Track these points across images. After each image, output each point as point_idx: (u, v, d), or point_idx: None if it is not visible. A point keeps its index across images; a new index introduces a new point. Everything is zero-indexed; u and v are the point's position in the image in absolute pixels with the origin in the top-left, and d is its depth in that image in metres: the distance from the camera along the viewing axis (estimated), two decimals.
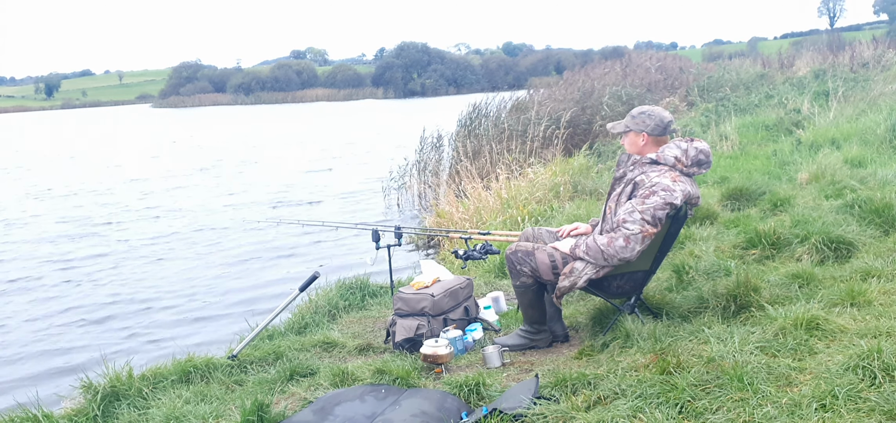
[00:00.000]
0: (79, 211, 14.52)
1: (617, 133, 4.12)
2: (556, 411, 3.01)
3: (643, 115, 3.99)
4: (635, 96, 16.00)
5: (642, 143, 3.96)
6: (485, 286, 5.71)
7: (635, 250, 3.78)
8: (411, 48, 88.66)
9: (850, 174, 6.96)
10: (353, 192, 15.37)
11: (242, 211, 13.43)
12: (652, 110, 4.00)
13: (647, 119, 3.96)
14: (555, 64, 76.23)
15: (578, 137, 13.98)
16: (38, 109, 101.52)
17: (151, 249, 10.85)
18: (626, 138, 4.04)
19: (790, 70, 22.52)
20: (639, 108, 4.08)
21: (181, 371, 4.18)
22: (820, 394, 2.73)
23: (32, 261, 10.44)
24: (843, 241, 4.81)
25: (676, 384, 2.95)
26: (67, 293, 8.74)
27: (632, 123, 4.00)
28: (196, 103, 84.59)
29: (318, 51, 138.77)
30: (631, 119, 4.02)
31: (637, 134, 3.98)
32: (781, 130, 11.56)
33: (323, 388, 3.84)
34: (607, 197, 4.07)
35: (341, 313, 5.48)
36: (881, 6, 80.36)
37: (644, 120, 3.96)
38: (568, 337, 4.29)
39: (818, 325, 3.41)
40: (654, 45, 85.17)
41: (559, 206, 8.40)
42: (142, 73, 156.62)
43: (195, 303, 8.10)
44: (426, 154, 13.99)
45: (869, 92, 14.20)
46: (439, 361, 3.94)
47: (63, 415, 3.85)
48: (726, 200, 6.81)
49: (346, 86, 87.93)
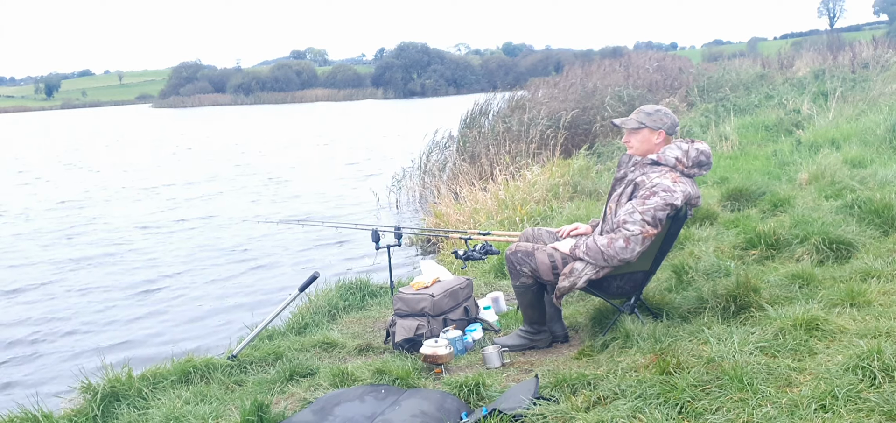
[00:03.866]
0: (77, 211, 14.52)
1: (629, 128, 4.00)
2: (555, 411, 3.01)
3: (660, 113, 3.97)
4: (637, 97, 16.00)
5: (657, 140, 3.93)
6: (484, 287, 5.71)
7: (635, 251, 3.78)
8: (411, 48, 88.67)
9: (850, 175, 6.95)
10: (352, 192, 15.36)
11: (242, 212, 13.43)
12: (665, 110, 4.01)
13: (665, 117, 3.95)
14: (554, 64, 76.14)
15: (578, 137, 13.98)
16: (38, 110, 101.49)
17: (151, 249, 10.84)
18: (638, 135, 3.96)
19: (790, 70, 22.50)
20: (650, 106, 4.04)
21: (181, 372, 4.18)
22: (820, 394, 2.72)
23: (33, 260, 10.44)
24: (842, 241, 4.81)
25: (676, 385, 2.95)
26: (67, 294, 8.73)
27: (648, 120, 3.94)
28: (196, 104, 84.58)
29: (318, 51, 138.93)
30: (646, 116, 3.95)
31: (653, 131, 3.93)
32: (781, 130, 11.55)
33: (323, 388, 3.84)
34: (607, 198, 4.06)
35: (341, 314, 5.48)
36: (881, 7, 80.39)
37: (661, 118, 3.94)
38: (568, 337, 4.29)
39: (818, 325, 3.41)
40: (653, 45, 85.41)
41: (559, 206, 8.39)
42: (142, 73, 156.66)
43: (194, 303, 8.10)
44: (426, 155, 14.01)
45: (868, 92, 14.20)
46: (439, 361, 3.94)
47: (63, 415, 3.85)
48: (726, 201, 6.81)
49: (346, 86, 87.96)
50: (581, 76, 19.39)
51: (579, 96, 15.81)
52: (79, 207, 15.00)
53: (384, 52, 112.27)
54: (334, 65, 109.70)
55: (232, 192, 16.28)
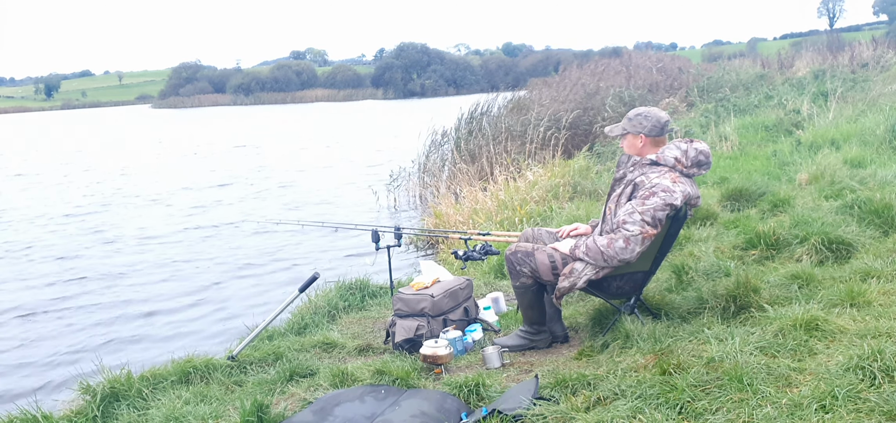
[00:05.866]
0: (78, 212, 14.52)
1: (615, 136, 4.13)
2: (555, 411, 3.01)
3: (640, 116, 3.99)
4: (637, 97, 16.00)
5: (641, 144, 3.97)
6: (484, 287, 5.70)
7: (635, 252, 3.78)
8: (411, 49, 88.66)
9: (850, 175, 6.95)
10: (352, 192, 15.36)
11: (242, 211, 13.42)
12: (648, 112, 4.01)
13: (644, 121, 3.96)
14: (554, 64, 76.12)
15: (579, 138, 13.98)
16: (38, 110, 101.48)
17: (151, 249, 10.84)
18: (625, 141, 4.05)
19: (790, 71, 22.51)
20: (635, 110, 4.08)
21: (181, 372, 4.18)
22: (820, 395, 2.72)
23: (33, 262, 10.44)
24: (842, 241, 4.80)
25: (676, 385, 2.95)
26: (66, 294, 8.73)
27: (629, 125, 4.00)
28: (196, 104, 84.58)
29: (318, 51, 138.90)
30: (628, 122, 4.02)
31: (635, 136, 3.98)
32: (781, 130, 11.55)
33: (322, 389, 3.84)
34: (607, 198, 4.07)
35: (341, 314, 5.48)
36: (881, 7, 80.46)
37: (641, 121, 3.97)
38: (567, 338, 4.29)
39: (818, 326, 3.41)
40: (653, 45, 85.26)
41: (558, 207, 8.39)
42: (141, 73, 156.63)
43: (195, 304, 8.09)
44: (426, 155, 14.00)
45: (868, 92, 14.21)
46: (439, 361, 3.93)
47: (62, 416, 3.84)
48: (726, 201, 6.81)
49: (346, 86, 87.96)
50: (580, 77, 19.38)
51: (580, 97, 15.81)
52: (78, 207, 15.00)
53: (384, 52, 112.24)
54: (334, 65, 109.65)
55: (232, 192, 16.27)
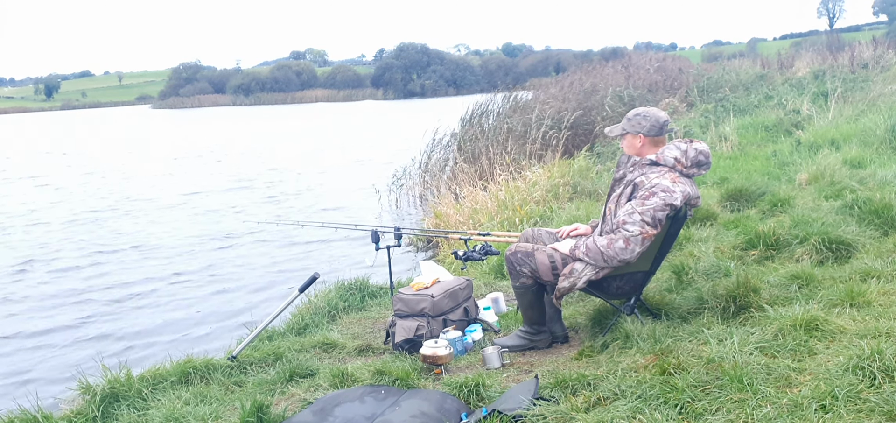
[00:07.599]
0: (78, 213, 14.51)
1: (614, 136, 4.14)
2: (555, 412, 3.01)
3: (639, 117, 3.99)
4: (637, 97, 16.01)
5: (640, 144, 3.97)
6: (484, 287, 5.70)
7: (635, 252, 3.78)
8: (411, 49, 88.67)
9: (850, 175, 6.95)
10: (352, 193, 15.36)
11: (241, 211, 13.42)
12: (647, 112, 4.01)
13: (643, 121, 3.96)
14: (554, 65, 76.17)
15: (579, 138, 13.98)
16: (38, 110, 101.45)
17: (151, 250, 10.84)
18: (625, 141, 4.05)
19: (789, 71, 22.48)
20: (634, 110, 4.08)
21: (181, 372, 4.18)
22: (820, 395, 2.72)
23: (33, 261, 10.44)
24: (842, 242, 4.80)
25: (676, 385, 2.95)
26: (66, 295, 8.73)
27: (628, 125, 4.01)
28: (195, 104, 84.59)
29: (318, 52, 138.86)
30: (627, 122, 4.02)
31: (634, 136, 3.98)
32: (781, 130, 11.55)
33: (322, 389, 3.84)
34: (607, 198, 4.07)
35: (341, 314, 5.48)
36: (881, 7, 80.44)
37: (640, 121, 3.97)
38: (567, 338, 4.29)
39: (818, 326, 3.41)
40: (653, 45, 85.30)
41: (558, 207, 8.39)
42: (141, 73, 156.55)
43: (194, 304, 8.09)
44: (426, 155, 13.99)
45: (868, 93, 14.20)
46: (439, 362, 3.93)
47: (62, 417, 3.84)
48: (726, 201, 6.81)
49: (346, 87, 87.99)
50: (580, 77, 19.38)
51: (580, 97, 15.81)
52: (79, 209, 15.00)
53: (384, 52, 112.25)
54: (334, 65, 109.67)
55: (232, 193, 16.27)
